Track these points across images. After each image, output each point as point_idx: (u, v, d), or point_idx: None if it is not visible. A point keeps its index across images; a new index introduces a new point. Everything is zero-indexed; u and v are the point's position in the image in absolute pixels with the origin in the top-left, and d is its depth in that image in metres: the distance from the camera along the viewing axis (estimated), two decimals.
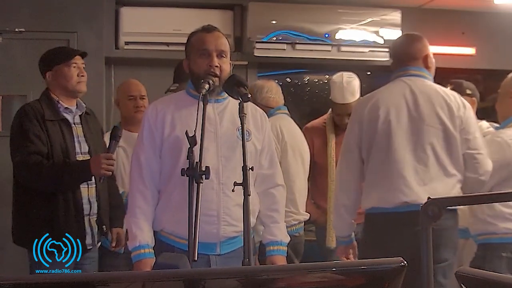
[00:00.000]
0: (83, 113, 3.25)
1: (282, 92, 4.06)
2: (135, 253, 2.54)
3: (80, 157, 3.15)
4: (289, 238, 2.79)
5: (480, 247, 3.28)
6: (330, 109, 4.11)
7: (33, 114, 3.07)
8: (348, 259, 3.22)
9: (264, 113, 2.81)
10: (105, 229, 3.25)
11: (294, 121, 4.09)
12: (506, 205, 3.19)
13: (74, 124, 3.19)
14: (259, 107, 3.66)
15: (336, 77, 4.05)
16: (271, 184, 2.74)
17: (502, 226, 3.20)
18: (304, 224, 3.89)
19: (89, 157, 3.18)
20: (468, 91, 3.68)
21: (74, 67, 3.19)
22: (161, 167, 2.61)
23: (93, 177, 3.12)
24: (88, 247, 3.16)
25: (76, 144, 3.16)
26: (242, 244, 2.54)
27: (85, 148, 3.20)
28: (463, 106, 3.03)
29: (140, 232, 2.54)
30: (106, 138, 3.60)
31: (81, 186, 3.13)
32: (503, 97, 3.41)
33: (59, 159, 3.05)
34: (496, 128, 3.47)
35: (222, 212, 2.52)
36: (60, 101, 3.17)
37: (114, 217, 3.35)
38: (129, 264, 3.46)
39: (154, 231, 2.62)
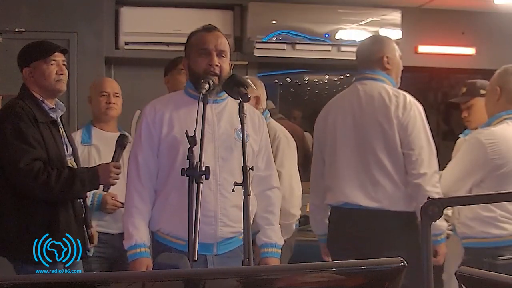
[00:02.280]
0: (63, 112, 3.10)
1: (282, 92, 4.04)
2: (131, 252, 2.53)
3: (68, 160, 3.03)
4: (283, 241, 2.80)
5: (466, 251, 3.18)
6: None
7: (26, 116, 2.87)
8: (330, 257, 3.32)
9: (261, 115, 2.82)
10: (90, 232, 3.16)
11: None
12: (484, 208, 3.07)
13: (59, 125, 3.04)
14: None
15: None
16: (267, 186, 2.74)
17: (481, 230, 3.07)
18: (300, 224, 3.90)
19: (73, 159, 3.08)
20: (482, 91, 3.55)
21: (53, 64, 2.97)
22: (159, 167, 2.60)
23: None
24: (87, 251, 3.11)
25: (64, 146, 3.03)
26: (239, 244, 2.57)
27: (70, 149, 3.08)
28: (403, 107, 3.03)
29: (137, 231, 2.53)
30: (78, 136, 3.51)
31: None
32: (489, 95, 3.32)
33: (55, 164, 2.91)
34: (481, 127, 3.39)
35: (219, 213, 2.53)
36: (44, 101, 2.99)
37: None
38: (100, 268, 3.43)
39: (150, 231, 2.62)
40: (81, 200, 3.11)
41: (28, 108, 2.90)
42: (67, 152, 3.06)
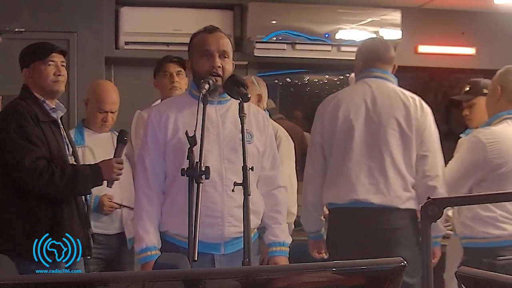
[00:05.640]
0: (64, 113, 3.12)
1: (282, 92, 4.04)
2: (142, 255, 2.56)
3: (69, 159, 3.05)
4: (291, 239, 2.81)
5: (465, 251, 3.17)
6: None
7: (29, 115, 2.90)
8: (320, 254, 3.31)
9: (266, 114, 2.82)
10: (91, 231, 3.17)
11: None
12: (484, 208, 3.06)
13: (60, 125, 3.07)
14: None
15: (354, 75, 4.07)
16: (273, 185, 2.75)
17: (480, 230, 3.06)
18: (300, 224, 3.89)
19: (73, 159, 3.10)
20: (485, 91, 3.50)
21: (50, 65, 2.99)
22: (166, 169, 2.62)
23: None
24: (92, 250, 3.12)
25: (65, 146, 3.07)
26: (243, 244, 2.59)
27: (71, 149, 3.12)
28: (421, 109, 3.08)
29: (147, 235, 2.56)
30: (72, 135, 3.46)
31: None
32: (490, 94, 3.32)
33: (58, 163, 2.93)
34: (481, 126, 3.39)
35: (226, 214, 2.55)
36: (45, 101, 3.01)
37: None
38: (98, 270, 3.41)
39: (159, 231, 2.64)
40: (84, 198, 3.13)
41: (30, 107, 2.93)
42: (68, 151, 3.08)
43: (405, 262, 1.16)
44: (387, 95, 3.10)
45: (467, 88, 3.74)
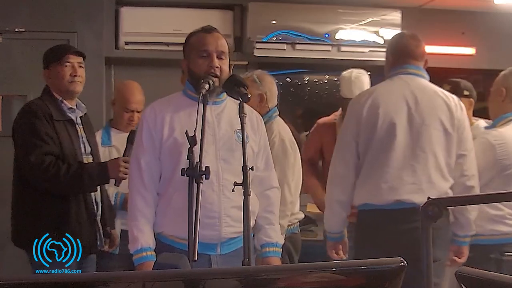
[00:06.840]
0: (84, 114, 3.21)
1: (282, 92, 4.01)
2: (137, 256, 2.54)
3: (84, 158, 3.13)
4: (283, 240, 2.80)
5: (471, 248, 3.17)
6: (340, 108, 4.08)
7: (42, 113, 3.00)
8: (339, 255, 3.21)
9: (260, 115, 2.81)
10: (109, 230, 3.25)
11: (293, 121, 4.07)
12: (492, 207, 3.12)
13: (77, 125, 3.16)
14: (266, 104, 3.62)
15: (346, 72, 4.03)
16: (266, 186, 2.74)
17: (489, 227, 3.13)
18: (301, 224, 3.87)
19: (91, 158, 3.17)
20: (466, 92, 3.59)
21: (67, 66, 3.09)
22: (161, 169, 2.61)
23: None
24: (99, 248, 3.17)
25: (81, 145, 3.14)
26: (243, 244, 2.58)
27: (88, 149, 3.18)
28: (460, 108, 3.04)
29: (141, 235, 2.54)
30: (98, 138, 3.53)
31: None
32: (494, 95, 3.33)
33: (69, 161, 3.00)
34: (486, 128, 3.41)
35: (223, 214, 2.54)
36: (63, 101, 3.11)
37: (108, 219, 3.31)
38: (124, 266, 3.42)
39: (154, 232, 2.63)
40: (98, 199, 3.18)
41: (45, 106, 3.04)
42: (84, 151, 3.15)
43: (405, 262, 1.16)
44: (427, 94, 3.02)
45: (448, 88, 3.68)
